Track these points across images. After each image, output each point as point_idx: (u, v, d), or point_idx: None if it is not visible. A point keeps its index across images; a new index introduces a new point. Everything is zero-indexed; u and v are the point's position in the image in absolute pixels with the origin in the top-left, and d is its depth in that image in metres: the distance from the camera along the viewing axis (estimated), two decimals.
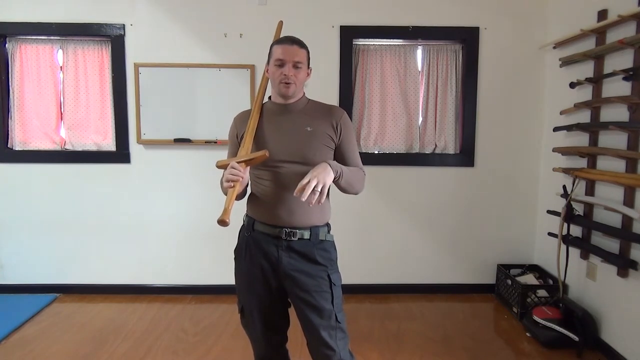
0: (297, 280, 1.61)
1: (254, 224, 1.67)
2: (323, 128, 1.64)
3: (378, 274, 3.38)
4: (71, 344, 2.63)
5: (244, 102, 3.20)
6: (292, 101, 1.67)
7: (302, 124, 1.64)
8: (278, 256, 1.61)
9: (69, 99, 3.25)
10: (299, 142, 1.62)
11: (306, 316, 1.61)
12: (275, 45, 1.63)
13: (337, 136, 1.67)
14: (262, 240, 1.64)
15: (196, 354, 2.54)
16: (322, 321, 1.60)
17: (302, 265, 1.61)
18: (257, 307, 1.67)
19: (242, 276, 1.70)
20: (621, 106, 2.41)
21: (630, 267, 2.31)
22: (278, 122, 1.66)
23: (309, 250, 1.62)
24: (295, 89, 1.62)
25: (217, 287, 3.35)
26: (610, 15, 2.51)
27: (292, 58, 1.58)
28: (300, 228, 1.61)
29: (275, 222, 1.61)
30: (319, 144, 1.63)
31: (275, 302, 1.68)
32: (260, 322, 1.68)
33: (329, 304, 1.61)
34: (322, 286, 1.62)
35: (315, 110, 1.69)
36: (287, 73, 1.58)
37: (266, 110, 1.71)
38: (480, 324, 2.96)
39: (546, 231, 3.03)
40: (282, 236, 1.60)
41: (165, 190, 3.29)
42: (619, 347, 2.43)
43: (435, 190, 3.35)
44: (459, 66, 3.30)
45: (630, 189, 2.33)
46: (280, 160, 1.60)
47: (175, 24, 3.18)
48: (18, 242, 3.31)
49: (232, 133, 1.75)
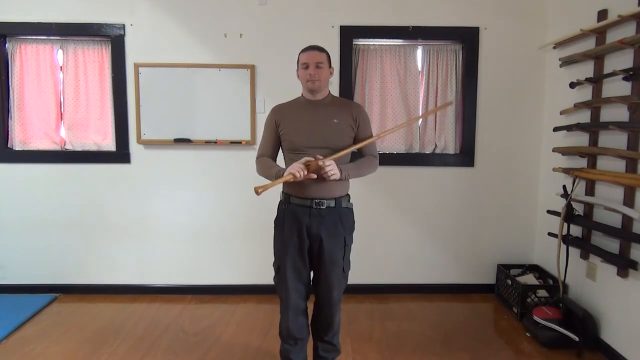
0: (321, 239, 2.04)
1: (289, 198, 2.07)
2: (346, 120, 2.07)
3: (378, 274, 3.39)
4: (71, 344, 2.63)
5: (244, 102, 3.20)
6: (320, 97, 2.10)
7: (330, 117, 2.05)
8: (309, 221, 2.03)
9: (69, 99, 3.25)
10: (327, 132, 2.03)
11: (323, 264, 2.07)
12: (301, 53, 2.07)
13: (355, 127, 2.09)
14: (296, 210, 2.05)
15: (196, 354, 2.54)
16: (333, 271, 2.08)
17: (326, 227, 2.04)
18: (290, 264, 2.06)
19: (280, 241, 2.10)
20: (621, 106, 2.42)
21: (630, 267, 2.31)
22: (309, 114, 2.07)
23: (332, 215, 2.05)
24: (320, 84, 2.04)
25: (217, 287, 3.36)
26: (610, 15, 2.51)
27: (314, 60, 2.02)
28: (326, 199, 2.03)
29: (306, 195, 2.02)
30: (343, 133, 2.06)
31: (304, 261, 2.08)
32: (292, 276, 2.07)
33: (340, 259, 2.09)
34: (339, 245, 2.08)
35: (338, 104, 2.12)
36: (311, 72, 2.02)
37: (299, 103, 2.14)
38: (480, 324, 2.96)
39: (546, 231, 3.03)
40: (312, 206, 2.02)
41: (165, 190, 3.29)
42: (619, 347, 2.43)
43: (435, 190, 3.35)
44: (459, 66, 3.30)
45: (630, 189, 2.33)
46: (310, 147, 2.01)
47: (175, 24, 3.18)
48: (18, 242, 3.31)
49: (271, 120, 2.14)
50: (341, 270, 2.11)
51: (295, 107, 2.12)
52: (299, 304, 2.12)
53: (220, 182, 3.27)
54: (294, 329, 2.13)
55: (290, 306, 2.10)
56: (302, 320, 2.17)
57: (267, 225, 3.37)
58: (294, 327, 2.13)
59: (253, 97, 3.21)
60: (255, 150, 3.25)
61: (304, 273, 2.11)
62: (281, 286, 2.12)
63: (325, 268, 2.08)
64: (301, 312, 2.15)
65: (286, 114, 2.10)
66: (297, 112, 2.09)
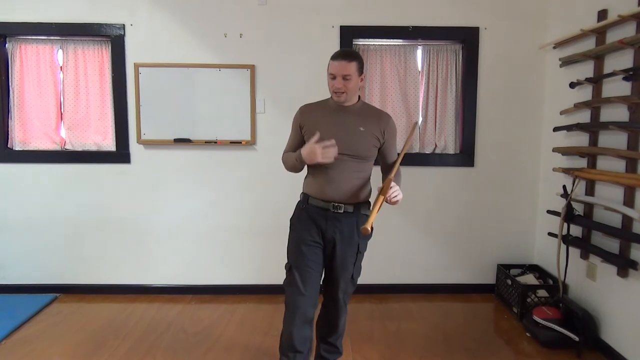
0: (335, 244, 2.00)
1: (308, 199, 2.04)
2: (373, 130, 2.00)
3: (378, 274, 3.38)
4: (71, 344, 2.63)
5: (244, 102, 3.20)
6: (349, 104, 2.02)
7: (357, 124, 1.98)
8: (326, 225, 1.99)
9: (69, 99, 3.25)
10: (352, 139, 1.96)
11: (334, 268, 2.04)
12: (330, 60, 1.95)
13: (382, 139, 2.03)
14: (314, 212, 2.01)
15: (196, 354, 2.54)
16: (343, 276, 2.05)
17: (342, 232, 1.99)
18: (302, 265, 1.99)
19: (295, 240, 2.05)
20: (621, 106, 2.42)
21: (630, 267, 2.31)
22: (336, 119, 2.00)
23: (349, 221, 2.00)
24: (347, 97, 1.96)
25: (217, 287, 3.36)
26: (610, 15, 2.51)
27: (342, 72, 1.90)
28: (345, 203, 1.98)
29: (325, 197, 1.98)
30: (368, 142, 1.99)
31: (317, 264, 2.02)
32: (304, 278, 1.99)
33: (351, 265, 2.05)
34: (352, 252, 2.04)
35: (367, 114, 2.04)
36: (338, 85, 1.92)
37: (327, 106, 2.06)
38: (480, 324, 2.96)
39: (546, 231, 3.03)
40: (330, 209, 1.98)
41: (165, 190, 3.29)
42: (619, 347, 2.43)
43: (435, 190, 3.35)
44: (459, 66, 3.30)
45: (630, 189, 2.33)
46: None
47: (175, 24, 3.18)
48: (18, 242, 3.31)
49: (296, 122, 2.09)
50: (350, 277, 2.06)
51: (322, 110, 2.04)
52: (307, 311, 1.99)
53: (220, 182, 3.26)
54: (297, 339, 1.98)
55: (298, 311, 1.97)
56: (307, 332, 2.02)
57: (268, 226, 3.40)
58: (298, 336, 1.98)
59: (253, 97, 3.21)
60: (255, 150, 3.27)
61: (315, 277, 2.02)
62: (291, 288, 2.00)
63: (334, 272, 2.05)
64: (308, 322, 2.01)
65: (312, 116, 2.04)
66: (323, 116, 2.02)
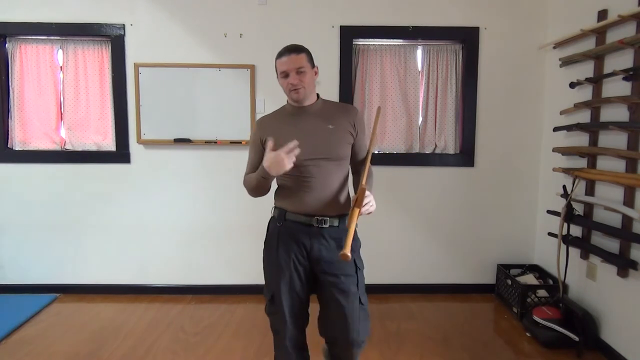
0: (327, 265, 1.74)
1: (285, 214, 1.78)
2: (344, 125, 1.79)
3: (378, 274, 3.38)
4: (71, 344, 2.63)
5: (243, 102, 3.20)
6: (308, 103, 1.80)
7: (324, 123, 1.77)
8: (310, 242, 1.74)
9: (69, 99, 3.25)
10: (323, 139, 1.75)
11: (334, 298, 1.73)
12: (276, 60, 1.74)
13: (355, 132, 1.82)
14: (294, 229, 1.76)
15: (196, 354, 2.54)
16: (348, 304, 1.73)
17: (331, 250, 1.74)
18: (287, 293, 1.76)
19: (274, 265, 1.79)
20: (621, 106, 2.41)
21: (630, 267, 2.31)
22: (300, 123, 1.78)
23: (338, 236, 1.75)
24: (305, 92, 1.74)
25: (217, 287, 3.36)
26: (610, 15, 2.51)
27: (294, 66, 1.70)
28: (329, 216, 1.75)
29: (306, 211, 1.73)
30: (342, 140, 1.78)
31: (303, 287, 1.78)
32: (288, 306, 1.77)
33: (355, 287, 1.75)
34: (349, 270, 1.75)
35: (333, 110, 1.83)
36: (293, 82, 1.71)
37: (285, 112, 1.84)
38: (480, 324, 2.96)
39: (546, 231, 3.03)
40: (313, 224, 1.74)
41: (165, 190, 3.29)
42: (619, 347, 2.43)
43: (435, 190, 3.35)
44: (459, 66, 3.30)
45: (630, 189, 2.33)
46: (306, 159, 1.71)
47: (175, 24, 3.18)
48: (18, 242, 3.31)
49: (256, 138, 1.83)
50: (357, 302, 1.75)
51: (282, 118, 1.81)
52: (299, 338, 1.84)
53: (220, 182, 3.26)
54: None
55: (288, 341, 1.81)
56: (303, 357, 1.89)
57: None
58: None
59: (253, 97, 3.21)
60: None
61: (303, 302, 1.81)
62: (277, 318, 1.80)
63: (335, 302, 1.74)
64: (301, 347, 1.87)
65: (272, 127, 1.78)
66: (285, 123, 1.79)
